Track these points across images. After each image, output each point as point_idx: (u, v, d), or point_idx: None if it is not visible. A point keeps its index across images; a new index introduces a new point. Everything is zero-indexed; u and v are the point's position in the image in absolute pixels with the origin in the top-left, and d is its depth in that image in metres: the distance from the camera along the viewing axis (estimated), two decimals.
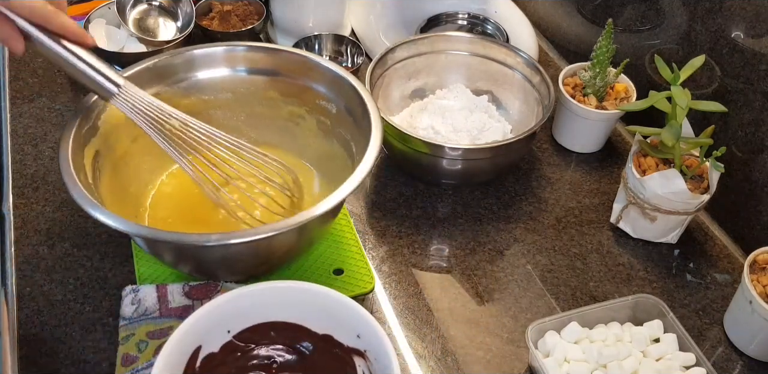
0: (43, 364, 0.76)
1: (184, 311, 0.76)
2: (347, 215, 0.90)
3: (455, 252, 0.90)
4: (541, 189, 0.98)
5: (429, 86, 1.06)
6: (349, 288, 0.83)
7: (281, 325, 0.71)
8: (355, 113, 0.83)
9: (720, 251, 0.91)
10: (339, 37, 1.13)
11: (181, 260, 0.79)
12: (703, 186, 0.86)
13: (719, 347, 0.82)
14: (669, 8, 0.96)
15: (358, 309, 0.67)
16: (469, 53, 1.04)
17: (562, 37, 1.19)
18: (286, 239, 0.76)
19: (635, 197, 0.87)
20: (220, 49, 0.87)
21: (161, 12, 1.14)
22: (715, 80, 0.90)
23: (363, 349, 0.68)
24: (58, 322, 0.80)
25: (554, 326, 0.77)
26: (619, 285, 0.87)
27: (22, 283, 0.83)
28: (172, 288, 0.78)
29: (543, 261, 0.89)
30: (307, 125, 0.90)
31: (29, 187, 0.93)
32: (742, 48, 0.85)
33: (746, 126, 0.87)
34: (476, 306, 0.84)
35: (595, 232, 0.93)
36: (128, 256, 0.85)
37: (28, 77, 1.09)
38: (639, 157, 0.89)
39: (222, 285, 0.78)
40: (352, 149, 0.84)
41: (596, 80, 0.97)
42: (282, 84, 0.88)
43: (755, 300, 0.75)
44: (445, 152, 0.90)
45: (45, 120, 1.03)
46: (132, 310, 0.77)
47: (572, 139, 1.03)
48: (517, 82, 1.02)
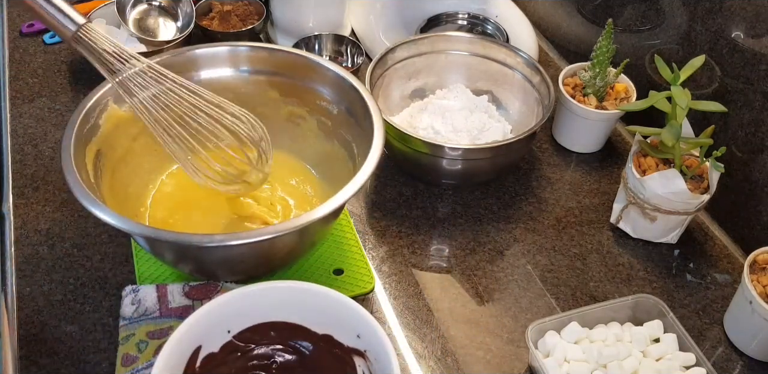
0: (43, 364, 0.76)
1: (184, 311, 0.76)
2: (347, 216, 0.90)
3: (455, 252, 0.90)
4: (541, 189, 0.98)
5: (429, 86, 1.06)
6: (349, 288, 0.83)
7: (281, 325, 0.71)
8: (356, 114, 0.83)
9: (720, 251, 0.91)
10: (339, 37, 1.13)
11: (181, 260, 0.79)
12: (703, 186, 0.86)
13: (719, 347, 0.82)
14: (669, 8, 0.96)
15: (358, 309, 0.67)
16: (469, 53, 1.04)
17: (562, 37, 1.19)
18: (288, 240, 0.75)
19: (635, 197, 0.87)
20: (221, 49, 0.88)
21: (161, 12, 1.14)
22: (715, 80, 0.90)
23: (363, 349, 0.68)
24: (58, 322, 0.80)
25: (554, 326, 0.77)
26: (619, 285, 0.87)
27: (22, 283, 0.83)
28: (172, 288, 0.78)
29: (543, 261, 0.89)
30: (308, 125, 0.90)
31: (29, 187, 0.93)
32: (742, 48, 0.85)
33: (746, 126, 0.87)
34: (476, 306, 0.84)
35: (595, 232, 0.93)
36: (128, 256, 0.85)
37: (28, 77, 1.10)
38: (639, 157, 0.89)
39: (222, 285, 0.78)
40: (353, 150, 0.84)
41: (596, 80, 0.97)
42: (283, 84, 0.88)
43: (755, 300, 0.75)
44: (445, 152, 0.90)
45: (45, 120, 1.03)
46: (132, 310, 0.77)
47: (572, 139, 1.03)
48: (517, 82, 1.02)
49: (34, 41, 1.16)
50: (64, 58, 1.13)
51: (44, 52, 1.14)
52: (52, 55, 1.14)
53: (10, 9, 1.23)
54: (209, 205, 0.86)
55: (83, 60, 1.12)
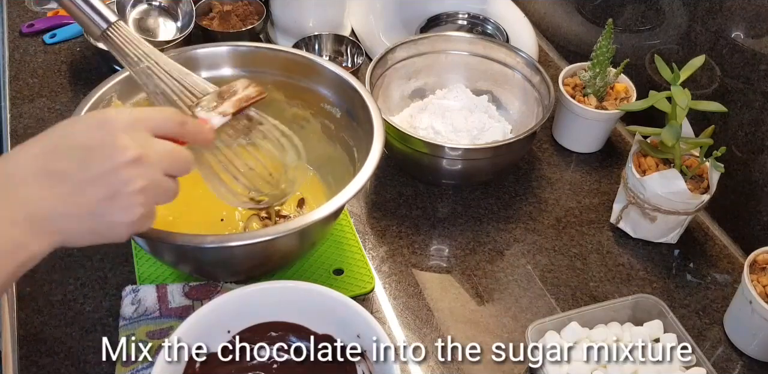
0: (43, 364, 0.76)
1: (184, 311, 0.76)
2: (347, 216, 0.90)
3: (455, 252, 0.90)
4: (541, 189, 0.98)
5: (429, 86, 1.06)
6: (349, 288, 0.83)
7: (281, 325, 0.71)
8: (356, 115, 0.83)
9: (720, 251, 0.91)
10: (339, 37, 1.13)
11: (181, 261, 0.79)
12: (703, 186, 0.86)
13: (719, 347, 0.82)
14: (669, 8, 0.96)
15: (358, 309, 0.67)
16: (469, 53, 1.04)
17: (562, 37, 1.19)
18: (288, 241, 0.75)
19: (635, 197, 0.87)
20: (221, 49, 0.87)
21: (161, 12, 1.14)
22: (715, 80, 0.90)
23: (363, 349, 0.68)
24: (58, 322, 0.80)
25: (554, 326, 0.77)
26: (619, 285, 0.87)
27: (22, 283, 0.83)
28: (172, 288, 0.78)
29: (543, 261, 0.89)
30: (312, 128, 0.90)
31: None
32: (742, 48, 0.85)
33: (746, 126, 0.87)
34: (476, 306, 0.84)
35: (595, 232, 0.93)
36: (128, 256, 0.85)
37: (28, 77, 1.10)
38: (639, 157, 0.89)
39: (222, 286, 0.78)
40: (353, 153, 0.84)
41: (596, 80, 0.97)
42: (286, 86, 0.88)
43: (755, 300, 0.75)
44: (445, 152, 0.90)
45: (45, 120, 1.03)
46: (132, 310, 0.77)
47: (572, 139, 1.03)
48: (517, 82, 1.02)
49: (34, 41, 1.16)
50: (64, 58, 1.13)
51: (44, 52, 1.14)
52: (52, 55, 1.14)
53: (10, 9, 1.23)
54: (209, 205, 0.86)
55: (83, 60, 1.13)
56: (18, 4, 1.24)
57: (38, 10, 1.22)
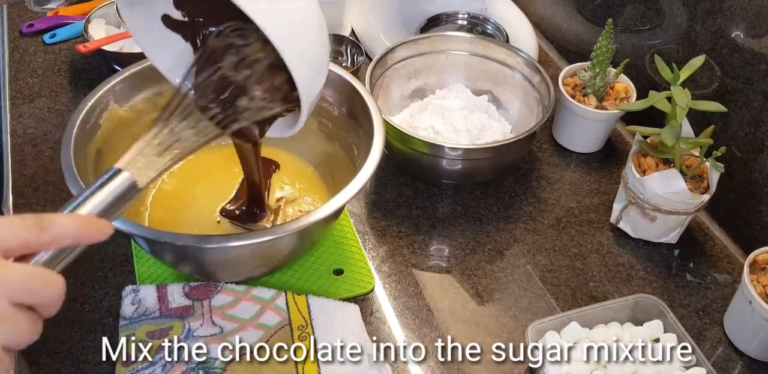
0: (43, 364, 0.76)
1: (184, 311, 0.76)
2: (347, 216, 0.90)
3: (455, 252, 0.90)
4: (541, 189, 0.98)
5: (429, 86, 1.06)
6: (349, 288, 0.83)
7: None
8: (356, 115, 0.83)
9: (720, 251, 0.91)
10: (339, 37, 1.13)
11: (181, 261, 0.79)
12: (703, 186, 0.86)
13: (719, 347, 0.82)
14: (669, 8, 0.96)
15: None
16: (469, 53, 1.04)
17: (562, 37, 1.19)
18: (288, 241, 0.75)
19: (635, 197, 0.87)
20: None
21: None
22: (715, 80, 0.90)
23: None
24: (58, 322, 0.80)
25: (554, 326, 0.77)
26: (619, 285, 0.87)
27: None
28: (172, 288, 0.78)
29: (543, 261, 0.89)
30: (308, 126, 0.90)
31: (29, 187, 0.93)
32: (742, 48, 0.85)
33: (746, 126, 0.87)
34: (476, 306, 0.84)
35: (595, 232, 0.93)
36: (128, 256, 0.85)
37: (28, 77, 1.10)
38: (639, 157, 0.89)
39: (222, 286, 0.78)
40: (353, 151, 0.84)
41: (596, 80, 0.97)
42: None
43: (755, 300, 0.75)
44: (445, 152, 0.90)
45: (45, 120, 1.03)
46: (132, 310, 0.77)
47: (572, 139, 1.03)
48: (517, 82, 1.02)
49: (34, 41, 1.16)
50: (64, 58, 1.13)
51: (44, 52, 1.14)
52: (52, 55, 1.14)
53: (10, 9, 1.23)
54: (210, 205, 0.86)
55: (83, 60, 1.13)
56: (18, 4, 1.24)
57: (38, 10, 1.22)
